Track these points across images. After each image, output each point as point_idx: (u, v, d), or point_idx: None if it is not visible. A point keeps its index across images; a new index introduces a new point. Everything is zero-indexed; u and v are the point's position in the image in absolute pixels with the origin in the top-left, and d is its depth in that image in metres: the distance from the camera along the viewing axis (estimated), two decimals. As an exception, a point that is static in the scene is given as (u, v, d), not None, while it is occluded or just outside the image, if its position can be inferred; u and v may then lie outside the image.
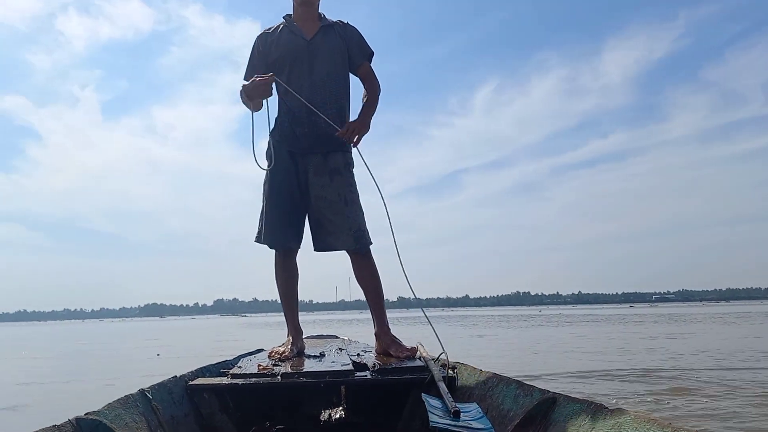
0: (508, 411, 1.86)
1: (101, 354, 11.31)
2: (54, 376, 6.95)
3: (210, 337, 17.71)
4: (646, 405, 3.57)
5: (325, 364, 2.41)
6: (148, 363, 8.18)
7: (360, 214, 2.71)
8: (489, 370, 2.20)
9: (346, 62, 2.81)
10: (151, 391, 1.93)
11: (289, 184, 2.71)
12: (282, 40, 2.77)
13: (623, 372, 5.30)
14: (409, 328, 14.46)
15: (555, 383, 4.62)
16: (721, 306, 60.22)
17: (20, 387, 5.86)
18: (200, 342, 14.57)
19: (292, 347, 2.72)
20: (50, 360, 10.43)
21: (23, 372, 7.78)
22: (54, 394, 5.20)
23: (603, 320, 21.79)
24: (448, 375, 2.24)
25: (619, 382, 4.72)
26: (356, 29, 2.86)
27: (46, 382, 6.23)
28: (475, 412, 1.88)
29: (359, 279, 2.78)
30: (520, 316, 34.05)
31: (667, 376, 4.93)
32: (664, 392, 4.09)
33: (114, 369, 7.52)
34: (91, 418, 1.54)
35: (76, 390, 5.41)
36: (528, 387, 1.85)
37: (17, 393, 5.36)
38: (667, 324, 16.74)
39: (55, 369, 8.27)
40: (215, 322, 50.40)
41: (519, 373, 4.61)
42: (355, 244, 2.66)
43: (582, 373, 5.34)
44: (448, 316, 37.12)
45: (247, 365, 2.44)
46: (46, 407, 4.39)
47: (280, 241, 2.74)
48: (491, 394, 2.04)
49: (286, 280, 2.84)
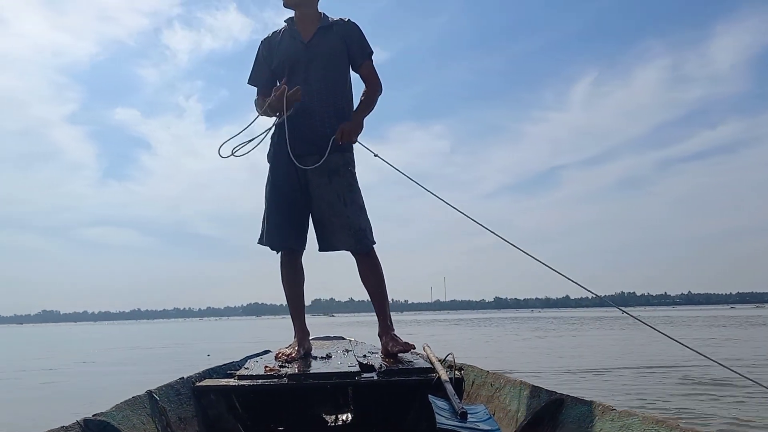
0: (516, 412, 1.85)
1: (181, 351, 11.89)
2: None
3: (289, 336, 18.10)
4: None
5: (331, 365, 2.41)
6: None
7: (361, 214, 2.70)
8: (496, 371, 2.18)
9: (346, 63, 2.80)
10: (159, 392, 1.94)
11: (290, 185, 2.71)
12: (282, 44, 2.79)
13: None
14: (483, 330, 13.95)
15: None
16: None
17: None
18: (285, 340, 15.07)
19: (299, 348, 2.72)
20: (135, 355, 11.38)
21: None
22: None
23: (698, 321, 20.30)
24: (455, 376, 2.23)
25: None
26: (357, 27, 2.84)
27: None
28: (482, 414, 1.86)
29: (362, 279, 2.78)
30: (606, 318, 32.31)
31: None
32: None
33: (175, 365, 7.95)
34: (99, 419, 1.55)
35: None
36: (535, 388, 1.84)
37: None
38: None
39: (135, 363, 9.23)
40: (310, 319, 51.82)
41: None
42: (356, 244, 2.66)
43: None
44: (543, 317, 36.03)
45: (254, 367, 2.44)
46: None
47: (281, 243, 2.75)
48: (498, 396, 2.03)
49: (291, 282, 2.84)
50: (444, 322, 28.54)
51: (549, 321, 26.98)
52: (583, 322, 23.14)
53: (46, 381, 6.21)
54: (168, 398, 1.97)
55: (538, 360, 7.21)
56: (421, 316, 56.57)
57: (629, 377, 5.12)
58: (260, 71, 2.85)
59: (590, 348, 9.26)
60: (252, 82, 2.88)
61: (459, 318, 35.57)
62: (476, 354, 8.01)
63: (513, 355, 8.26)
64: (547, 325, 20.75)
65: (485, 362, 3.34)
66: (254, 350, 3.27)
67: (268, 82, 2.82)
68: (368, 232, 2.70)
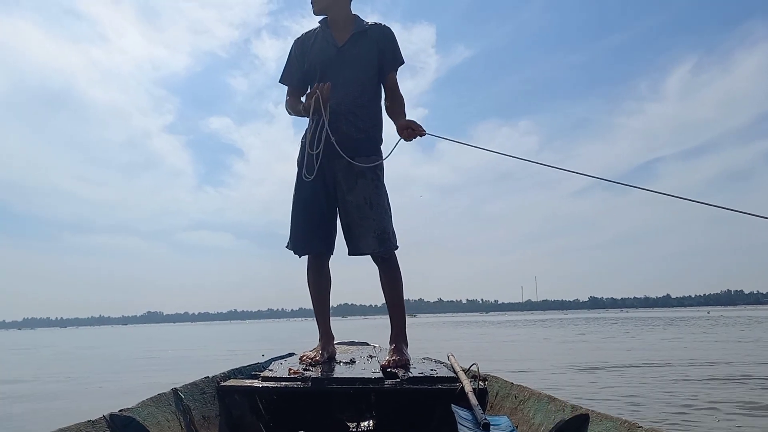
0: (539, 426, 1.80)
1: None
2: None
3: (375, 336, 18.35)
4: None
5: (355, 370, 2.39)
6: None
7: (385, 216, 2.67)
8: (520, 383, 2.12)
9: (377, 69, 2.77)
10: (184, 390, 1.96)
11: (317, 189, 2.69)
12: (315, 47, 2.78)
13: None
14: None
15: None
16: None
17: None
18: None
19: (323, 352, 2.71)
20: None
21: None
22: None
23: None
24: (478, 387, 2.18)
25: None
26: (392, 33, 2.81)
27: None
28: (505, 426, 1.81)
29: (382, 285, 2.76)
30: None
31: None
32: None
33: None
34: (124, 414, 1.56)
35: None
36: (560, 402, 1.79)
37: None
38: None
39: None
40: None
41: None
42: (379, 246, 2.63)
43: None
44: (643, 318, 34.24)
45: (279, 369, 2.44)
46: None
47: (306, 247, 2.74)
48: (522, 408, 1.97)
49: (317, 286, 2.83)
50: (526, 324, 27.89)
51: (646, 321, 25.55)
52: (688, 323, 21.82)
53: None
54: (193, 396, 1.99)
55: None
56: (505, 317, 55.45)
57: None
58: (292, 71, 2.85)
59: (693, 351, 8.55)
60: (283, 81, 2.88)
61: (547, 318, 34.47)
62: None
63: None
64: (641, 325, 19.66)
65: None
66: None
67: (299, 83, 2.83)
68: (391, 235, 2.68)
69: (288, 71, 2.86)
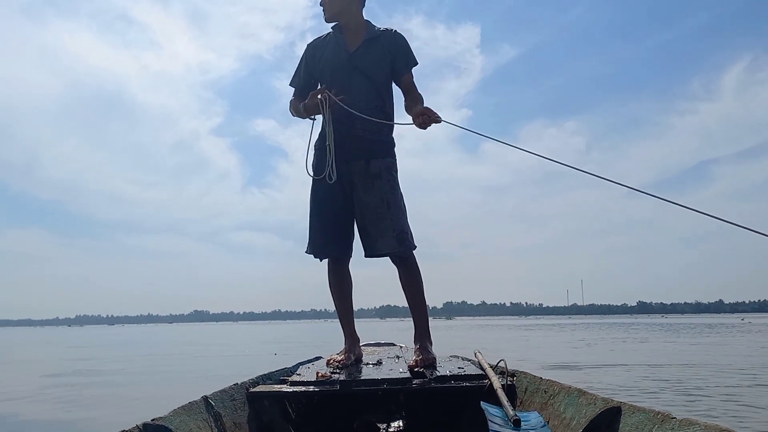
0: (571, 420, 1.78)
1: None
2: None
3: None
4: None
5: (382, 371, 2.40)
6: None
7: (403, 216, 2.70)
8: (549, 378, 2.11)
9: (390, 74, 2.80)
10: (214, 397, 1.99)
11: (333, 192, 2.71)
12: (327, 52, 2.81)
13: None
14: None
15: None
16: None
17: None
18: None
19: (350, 354, 2.73)
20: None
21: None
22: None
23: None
24: (507, 383, 2.17)
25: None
26: (404, 39, 2.84)
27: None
28: (535, 421, 1.80)
29: (402, 286, 2.78)
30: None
31: None
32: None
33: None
34: (157, 423, 1.59)
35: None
36: (591, 395, 1.76)
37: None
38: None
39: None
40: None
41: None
42: (399, 246, 2.64)
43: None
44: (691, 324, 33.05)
45: (306, 373, 2.46)
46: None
47: (324, 251, 2.77)
48: (552, 403, 1.95)
49: (339, 289, 2.85)
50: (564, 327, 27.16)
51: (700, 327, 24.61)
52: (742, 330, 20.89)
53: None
54: (223, 403, 2.02)
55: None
56: (549, 320, 54.29)
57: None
58: (300, 74, 2.89)
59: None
60: (293, 84, 2.92)
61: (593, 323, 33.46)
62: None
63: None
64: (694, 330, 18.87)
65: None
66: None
67: (305, 85, 2.86)
68: (410, 234, 2.69)
69: (297, 75, 2.90)
